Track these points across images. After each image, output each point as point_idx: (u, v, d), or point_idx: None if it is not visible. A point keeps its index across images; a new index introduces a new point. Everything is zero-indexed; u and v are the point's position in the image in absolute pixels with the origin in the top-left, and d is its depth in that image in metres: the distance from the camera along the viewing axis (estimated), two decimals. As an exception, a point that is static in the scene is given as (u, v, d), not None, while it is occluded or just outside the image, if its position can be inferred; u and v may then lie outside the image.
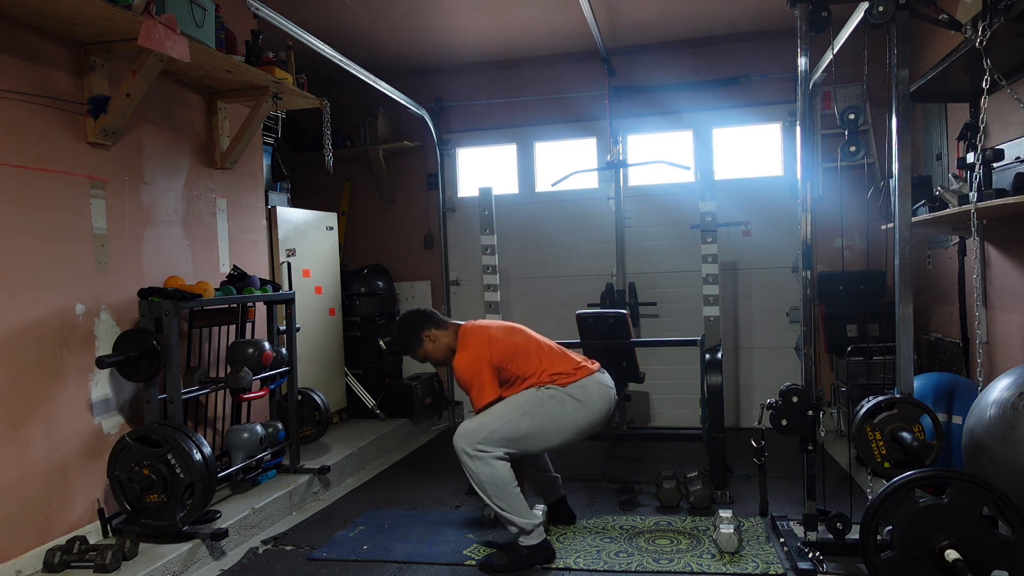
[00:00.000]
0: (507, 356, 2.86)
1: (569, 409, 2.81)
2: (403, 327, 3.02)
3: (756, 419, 2.86)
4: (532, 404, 2.79)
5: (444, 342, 2.97)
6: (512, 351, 2.87)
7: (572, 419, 2.82)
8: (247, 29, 3.59)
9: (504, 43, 5.07)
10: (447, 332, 2.98)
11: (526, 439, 2.77)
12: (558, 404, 2.80)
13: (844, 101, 4.49)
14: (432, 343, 2.97)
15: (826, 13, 2.60)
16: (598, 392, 2.89)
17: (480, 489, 2.72)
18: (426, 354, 2.99)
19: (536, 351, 2.92)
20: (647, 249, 5.23)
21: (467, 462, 2.72)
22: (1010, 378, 2.40)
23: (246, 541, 3.10)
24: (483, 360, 2.82)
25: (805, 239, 2.72)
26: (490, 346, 2.85)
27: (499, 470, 2.70)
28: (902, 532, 2.18)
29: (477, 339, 2.89)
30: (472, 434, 2.73)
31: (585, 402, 2.84)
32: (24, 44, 2.65)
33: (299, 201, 4.94)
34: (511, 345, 2.89)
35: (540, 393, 2.82)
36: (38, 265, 2.67)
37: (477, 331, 2.94)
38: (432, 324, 2.98)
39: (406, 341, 3.00)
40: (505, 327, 3.00)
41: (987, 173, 2.80)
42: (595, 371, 2.94)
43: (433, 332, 2.97)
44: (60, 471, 2.74)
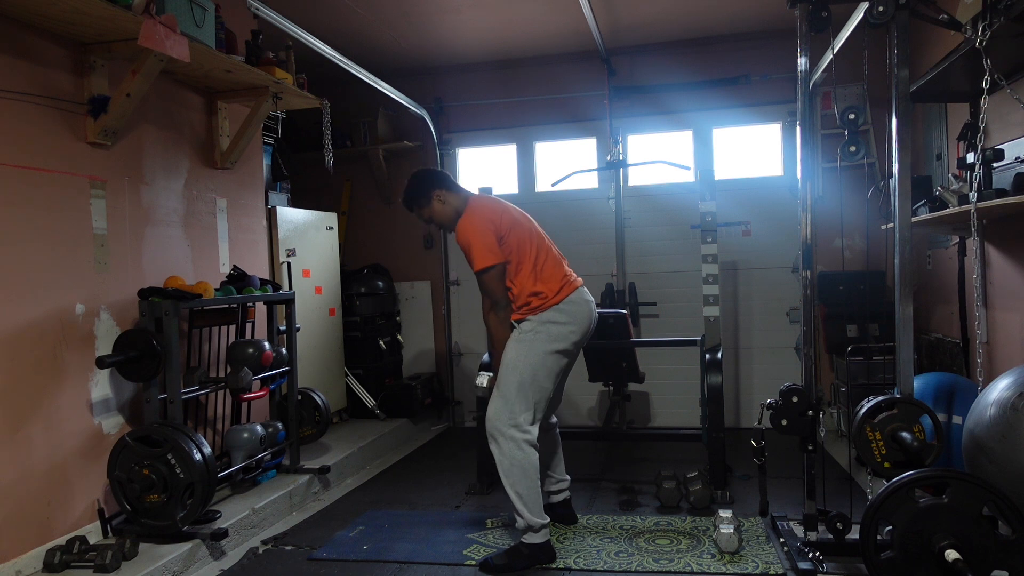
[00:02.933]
0: (513, 231, 2.87)
1: (554, 333, 2.83)
2: (416, 182, 3.00)
3: (756, 419, 2.86)
4: (522, 350, 2.81)
5: (453, 204, 2.96)
6: (518, 228, 2.89)
7: (562, 336, 2.84)
8: (247, 29, 3.59)
9: (504, 43, 5.08)
10: (457, 196, 2.98)
11: (538, 379, 2.79)
12: (543, 334, 2.82)
13: (844, 101, 4.49)
14: (441, 203, 2.96)
15: (826, 13, 2.60)
16: (580, 308, 2.90)
17: (506, 475, 2.74)
18: (432, 213, 2.98)
19: (538, 242, 2.93)
20: (647, 249, 5.23)
21: (501, 444, 2.74)
22: (1010, 378, 2.40)
23: (246, 541, 3.10)
24: (489, 225, 2.83)
25: (805, 239, 2.72)
26: (500, 217, 2.87)
27: (529, 456, 2.74)
28: (902, 532, 2.18)
29: (487, 207, 2.90)
30: (501, 411, 2.76)
31: (566, 322, 2.85)
32: (24, 44, 2.65)
33: (299, 201, 4.94)
34: (518, 223, 2.91)
35: (522, 336, 2.83)
36: (38, 265, 2.67)
37: (489, 200, 2.96)
38: (445, 185, 2.98)
39: (416, 196, 2.98)
40: (516, 210, 3.01)
41: (987, 173, 2.79)
42: (577, 286, 2.95)
43: (444, 193, 2.96)
44: (60, 471, 2.74)
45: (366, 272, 5.33)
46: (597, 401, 5.30)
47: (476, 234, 2.81)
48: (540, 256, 2.90)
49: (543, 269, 2.88)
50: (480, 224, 2.83)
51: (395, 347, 5.47)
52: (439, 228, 3.11)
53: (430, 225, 3.12)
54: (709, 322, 3.61)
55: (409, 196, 3.01)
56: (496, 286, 2.83)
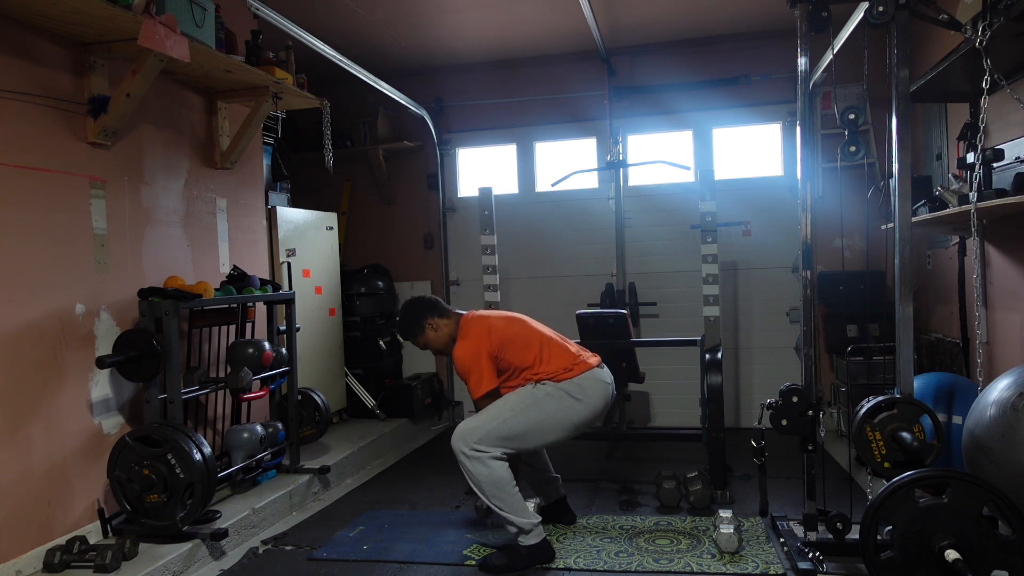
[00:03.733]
0: (505, 346, 2.86)
1: (565, 406, 2.81)
2: (407, 313, 3.04)
3: (756, 419, 2.86)
4: (528, 402, 2.79)
5: (446, 331, 2.99)
6: (511, 341, 2.88)
7: (568, 416, 2.82)
8: (247, 29, 3.59)
9: (504, 43, 5.08)
10: (449, 321, 3.01)
11: (523, 437, 2.77)
12: (555, 401, 2.80)
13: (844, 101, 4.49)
14: (434, 331, 2.99)
15: (826, 13, 2.60)
16: (596, 388, 2.88)
17: (478, 489, 2.73)
18: (427, 342, 3.01)
19: (536, 341, 2.92)
20: (647, 249, 5.23)
21: (464, 463, 2.73)
22: (1010, 378, 2.40)
23: (246, 541, 3.10)
24: (482, 350, 2.83)
25: (805, 239, 2.72)
26: (489, 336, 2.87)
27: (497, 470, 2.71)
28: (902, 532, 2.18)
29: (477, 329, 2.90)
30: (469, 434, 2.73)
31: (582, 399, 2.83)
32: (24, 44, 2.65)
33: (299, 201, 4.94)
34: (510, 335, 2.90)
35: (536, 390, 2.82)
36: (38, 265, 2.67)
37: (477, 321, 2.96)
38: (435, 312, 3.01)
39: (409, 327, 3.03)
40: (505, 317, 3.02)
41: (987, 173, 2.79)
42: (594, 366, 2.94)
43: (436, 320, 2.99)
44: (60, 471, 2.74)
45: (366, 272, 5.33)
46: (597, 401, 5.29)
47: (472, 361, 2.82)
48: (544, 353, 2.89)
49: (551, 360, 2.88)
50: (473, 351, 2.84)
51: (395, 347, 5.47)
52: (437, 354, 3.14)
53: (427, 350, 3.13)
54: (709, 322, 3.61)
55: (403, 329, 3.08)
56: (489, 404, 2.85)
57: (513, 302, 5.44)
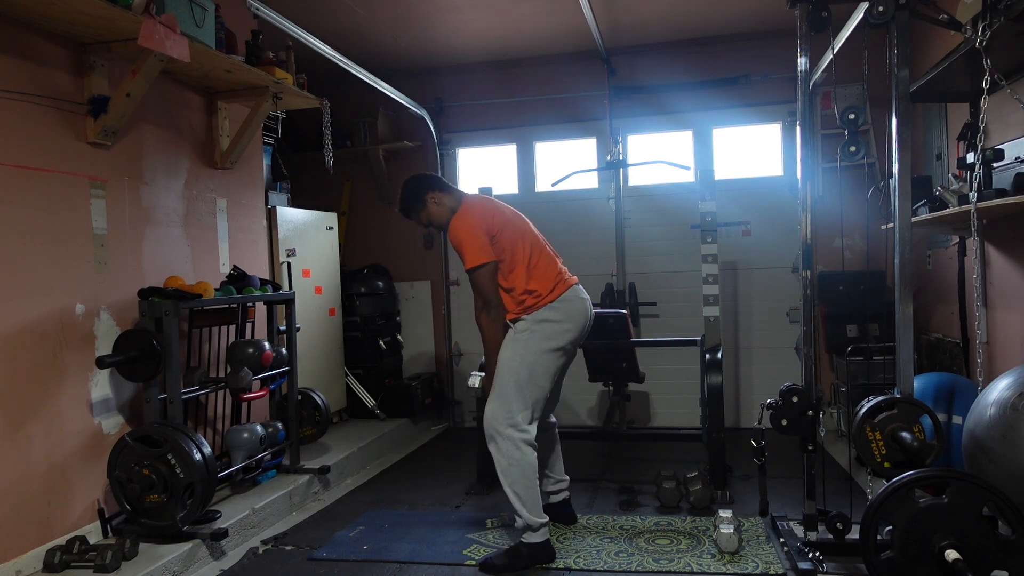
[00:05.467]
0: (505, 231, 2.87)
1: (549, 331, 2.84)
2: (409, 189, 3.02)
3: (756, 419, 2.87)
4: (517, 349, 2.81)
5: (447, 204, 2.97)
6: (511, 228, 2.89)
7: (556, 339, 2.84)
8: (247, 29, 3.59)
9: (504, 43, 5.07)
10: (451, 196, 3.00)
11: (535, 378, 2.79)
12: (537, 334, 2.82)
13: (844, 101, 4.49)
14: (436, 205, 2.97)
15: (826, 13, 2.60)
16: (575, 307, 2.91)
17: (504, 474, 2.74)
18: (429, 216, 2.99)
19: (531, 241, 2.93)
20: (647, 249, 5.23)
21: (500, 444, 2.74)
22: (1010, 378, 2.40)
23: (246, 541, 3.10)
24: (481, 224, 2.83)
25: (805, 239, 2.72)
26: (493, 216, 2.88)
27: (527, 456, 2.74)
28: (902, 532, 2.18)
29: (481, 206, 2.91)
30: (499, 411, 2.76)
31: (561, 320, 2.86)
32: (24, 44, 2.65)
33: (299, 201, 4.94)
34: (511, 222, 2.92)
35: (517, 336, 2.84)
36: (38, 265, 2.67)
37: (482, 200, 2.98)
38: (438, 187, 3.00)
39: (411, 202, 3.00)
40: (510, 208, 3.02)
41: (987, 173, 2.79)
42: (572, 284, 2.96)
43: (438, 195, 2.98)
44: (60, 471, 2.74)
45: (366, 272, 5.33)
46: (597, 401, 5.30)
47: (468, 233, 2.82)
48: (534, 255, 2.90)
49: (536, 267, 2.88)
50: (472, 223, 2.83)
51: (395, 347, 5.46)
52: (438, 231, 3.11)
53: (429, 229, 3.13)
54: (709, 322, 3.61)
55: (404, 202, 3.04)
56: (488, 285, 2.83)
57: (513, 302, 5.43)
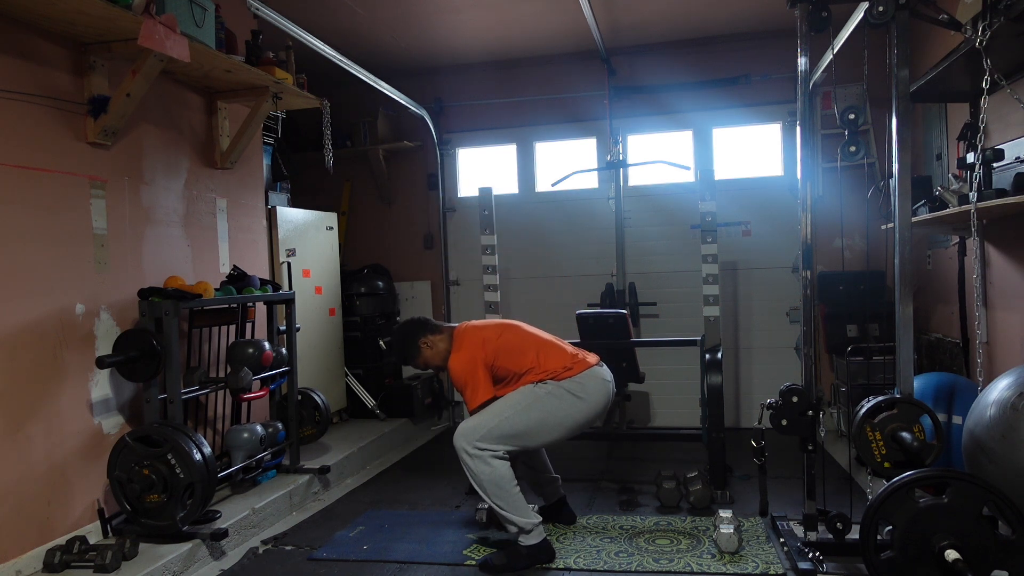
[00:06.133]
0: (500, 355, 2.87)
1: (567, 404, 2.82)
2: (400, 339, 3.06)
3: (756, 419, 2.87)
4: (530, 400, 2.80)
5: (441, 346, 3.00)
6: (505, 349, 2.89)
7: (570, 414, 2.83)
8: (247, 29, 3.59)
9: (504, 43, 5.07)
10: (443, 336, 3.02)
11: (525, 435, 2.78)
12: (556, 399, 2.81)
13: (844, 101, 4.49)
14: (430, 349, 3.01)
15: (826, 13, 2.60)
16: (596, 386, 2.89)
17: (480, 488, 2.73)
18: (426, 361, 3.03)
19: (533, 346, 2.93)
20: (647, 249, 5.23)
21: (467, 461, 2.73)
22: (1010, 378, 2.40)
23: (246, 541, 3.09)
24: (477, 360, 2.84)
25: (805, 239, 2.72)
26: (483, 346, 2.88)
27: (498, 469, 2.71)
28: (902, 532, 2.18)
29: (471, 340, 2.91)
30: (471, 432, 2.74)
31: (583, 397, 2.84)
32: (24, 44, 2.65)
33: (299, 201, 4.94)
34: (504, 344, 2.91)
35: (537, 389, 2.82)
36: (38, 265, 2.67)
37: (471, 332, 2.97)
38: (427, 331, 3.02)
39: (405, 352, 3.05)
40: (498, 325, 3.02)
41: (987, 173, 2.79)
42: (593, 364, 2.94)
43: (430, 338, 3.01)
44: (60, 471, 2.74)
45: (366, 272, 5.33)
46: (597, 401, 5.29)
47: (467, 374, 2.84)
48: (540, 358, 2.89)
49: (548, 361, 2.88)
50: (468, 362, 2.85)
51: (395, 347, 5.46)
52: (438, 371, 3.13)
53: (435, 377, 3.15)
54: (709, 322, 3.61)
55: (400, 355, 3.09)
56: None
57: (513, 302, 5.44)
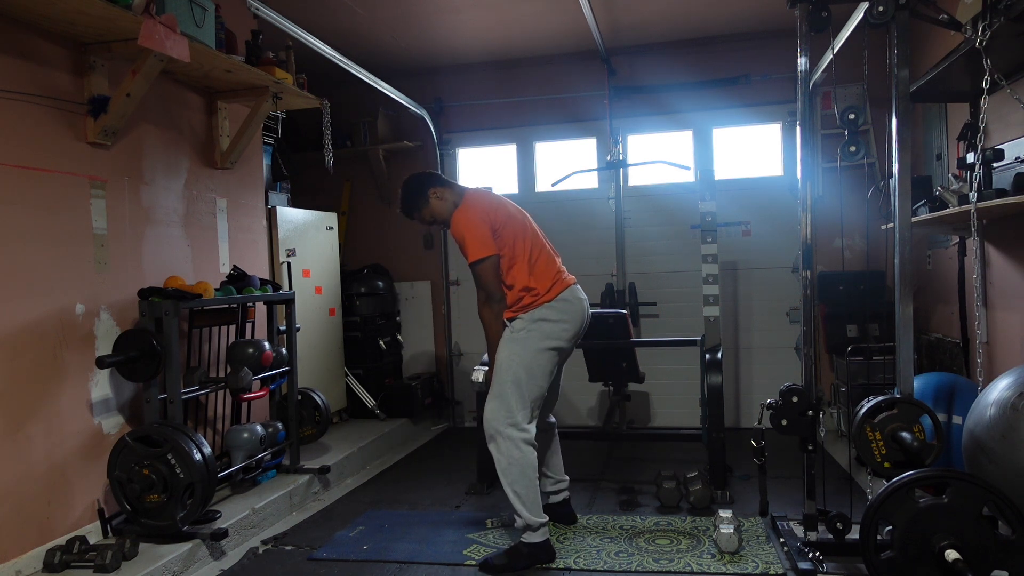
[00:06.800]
0: (507, 225, 2.87)
1: (547, 330, 2.84)
2: (411, 186, 3.00)
3: (756, 419, 2.87)
4: (514, 348, 2.82)
5: (450, 199, 2.97)
6: (512, 223, 2.90)
7: (553, 338, 2.84)
8: (247, 29, 3.59)
9: (504, 43, 5.07)
10: (453, 191, 2.99)
11: (534, 376, 2.80)
12: (535, 333, 2.83)
13: (844, 101, 4.49)
14: (439, 200, 2.96)
15: (826, 13, 2.60)
16: (572, 307, 2.91)
17: (504, 473, 2.74)
18: (432, 213, 2.97)
19: (532, 238, 2.94)
20: (647, 249, 5.23)
21: (500, 444, 2.75)
22: (1010, 378, 2.40)
23: (246, 541, 3.10)
24: (484, 217, 2.83)
25: (805, 239, 2.72)
26: (496, 210, 2.88)
27: (527, 455, 2.74)
28: (902, 532, 2.18)
29: (484, 200, 2.92)
30: (498, 411, 2.76)
31: (558, 320, 2.86)
32: (24, 44, 2.65)
33: (299, 201, 4.94)
34: (512, 217, 2.92)
35: (514, 336, 2.84)
36: (38, 265, 2.67)
37: (485, 194, 2.98)
38: (439, 182, 2.99)
39: (414, 199, 2.98)
40: (511, 204, 3.02)
41: (987, 173, 2.79)
42: (570, 284, 2.96)
43: (439, 189, 2.97)
44: (60, 471, 2.74)
45: (366, 272, 5.33)
46: (597, 401, 5.30)
47: (470, 226, 2.82)
48: (534, 252, 2.91)
49: (536, 264, 2.89)
50: (474, 216, 2.83)
51: (395, 347, 5.46)
52: (441, 227, 3.10)
53: (432, 226, 3.12)
54: (709, 322, 3.61)
55: (406, 199, 3.01)
56: (491, 278, 2.83)
57: (513, 302, 5.43)
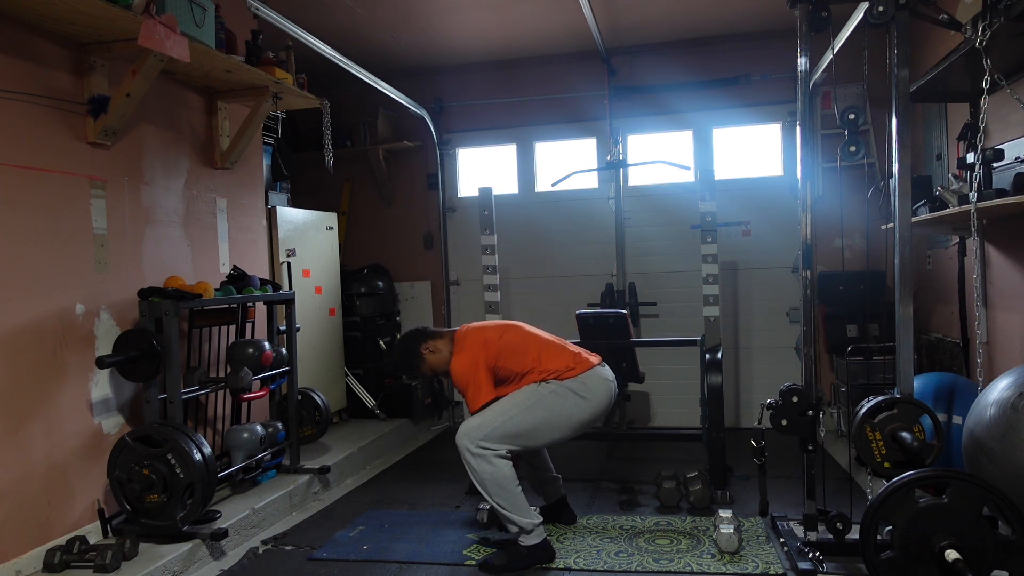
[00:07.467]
0: (503, 355, 2.87)
1: (570, 403, 2.82)
2: (403, 350, 3.06)
3: (756, 419, 2.87)
4: (534, 400, 2.80)
5: (444, 350, 3.00)
6: (507, 350, 2.89)
7: (573, 413, 2.83)
8: (247, 29, 3.59)
9: (504, 43, 5.07)
10: (444, 340, 3.02)
11: (528, 434, 2.78)
12: (559, 399, 2.81)
13: (844, 101, 4.49)
14: (433, 354, 3.00)
15: (826, 13, 2.60)
16: (599, 385, 2.89)
17: (481, 487, 2.73)
18: (431, 367, 3.02)
19: (534, 346, 2.93)
20: (647, 249, 5.23)
21: (469, 460, 2.73)
22: (1010, 378, 2.40)
23: (246, 541, 3.09)
24: (479, 361, 2.84)
25: (805, 239, 2.72)
26: (485, 347, 2.88)
27: (501, 468, 2.71)
28: (902, 532, 2.18)
29: (472, 341, 2.92)
30: (475, 431, 2.74)
31: (586, 397, 2.84)
32: (24, 44, 2.65)
33: (299, 201, 4.94)
34: (506, 344, 2.91)
35: (541, 388, 2.83)
36: (38, 265, 2.67)
37: (472, 333, 2.97)
38: (428, 337, 3.03)
39: (409, 361, 3.04)
40: (500, 326, 3.02)
41: (987, 173, 2.79)
42: (595, 364, 2.95)
43: (431, 344, 3.01)
44: (60, 471, 2.74)
45: (366, 272, 5.33)
46: (597, 401, 5.29)
47: (469, 375, 2.84)
48: (542, 357, 2.90)
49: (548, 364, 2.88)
50: (470, 363, 2.85)
51: (395, 347, 5.46)
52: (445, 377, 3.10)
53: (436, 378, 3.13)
54: (709, 322, 3.61)
55: (405, 366, 3.09)
56: None
57: (513, 302, 5.44)
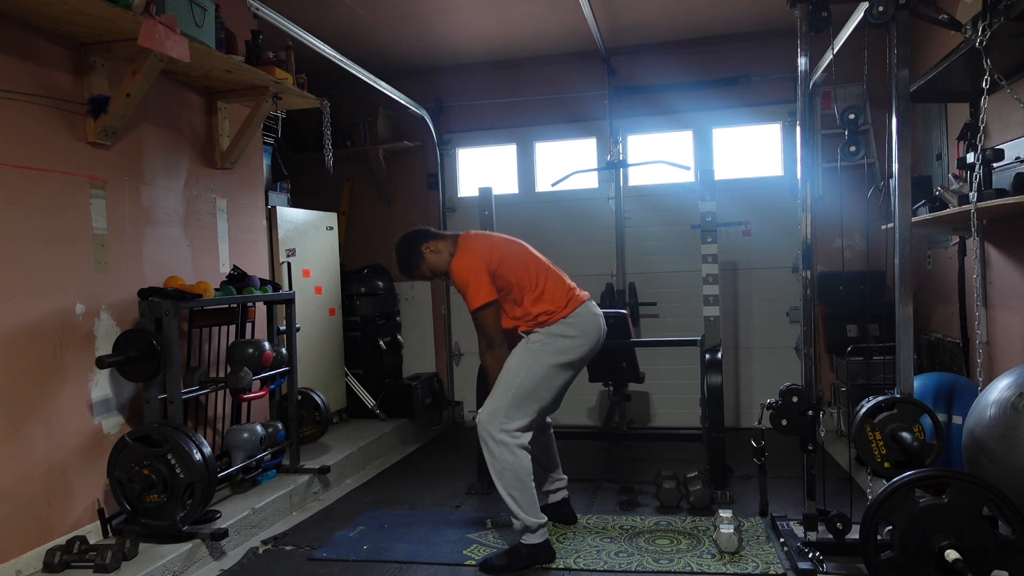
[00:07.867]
0: (505, 263, 2.87)
1: (563, 347, 2.84)
2: (404, 247, 3.01)
3: (756, 419, 2.87)
4: (528, 358, 2.81)
5: (445, 251, 2.97)
6: (510, 259, 2.89)
7: (568, 354, 2.84)
8: (247, 29, 3.59)
9: (504, 43, 5.07)
10: (446, 242, 2.99)
11: (539, 391, 2.79)
12: (551, 347, 2.83)
13: (844, 101, 4.49)
14: (434, 254, 2.97)
15: (826, 13, 2.60)
16: (589, 322, 2.91)
17: (498, 478, 2.73)
18: (431, 267, 2.98)
19: (534, 266, 2.93)
20: (647, 249, 5.23)
21: (492, 447, 2.73)
22: (1010, 378, 2.40)
23: (246, 541, 3.10)
24: (481, 263, 2.83)
25: (805, 239, 2.72)
26: (490, 252, 2.88)
27: (521, 460, 2.73)
28: (902, 532, 2.18)
29: (477, 243, 2.92)
30: (496, 415, 2.74)
31: (576, 335, 2.86)
32: (24, 44, 2.65)
33: (299, 201, 4.94)
34: (510, 253, 2.92)
35: (529, 345, 2.84)
36: (38, 265, 2.67)
37: (478, 237, 2.98)
38: (430, 237, 3.00)
39: (409, 259, 2.99)
40: (506, 238, 3.02)
41: (987, 173, 2.79)
42: (585, 300, 2.96)
43: (432, 243, 2.98)
44: (60, 471, 2.74)
45: (366, 272, 5.33)
46: (597, 401, 5.30)
47: (469, 273, 2.82)
48: (541, 278, 2.90)
49: (545, 291, 2.88)
50: (472, 262, 2.84)
51: (395, 347, 5.46)
52: (443, 279, 3.07)
53: (434, 279, 3.12)
54: (709, 322, 3.61)
55: (402, 261, 3.03)
56: (492, 324, 2.84)
57: (513, 302, 5.43)
